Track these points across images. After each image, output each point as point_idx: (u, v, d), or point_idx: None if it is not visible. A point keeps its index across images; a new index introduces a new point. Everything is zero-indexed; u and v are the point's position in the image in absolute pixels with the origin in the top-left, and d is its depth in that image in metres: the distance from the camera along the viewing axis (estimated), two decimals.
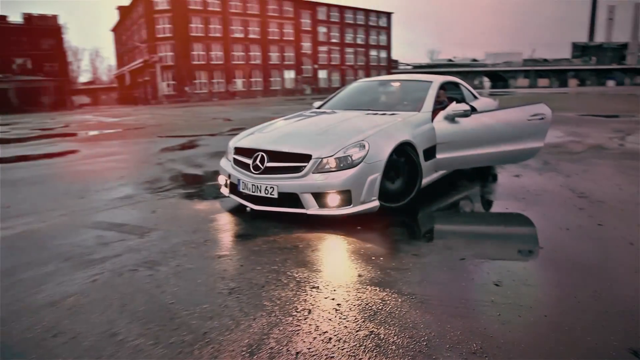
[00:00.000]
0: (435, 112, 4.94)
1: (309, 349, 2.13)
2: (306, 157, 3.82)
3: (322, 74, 64.30)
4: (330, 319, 2.38)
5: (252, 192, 4.00)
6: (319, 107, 5.88)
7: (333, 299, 2.59)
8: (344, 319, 2.39)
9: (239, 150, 4.40)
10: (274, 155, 3.99)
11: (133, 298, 2.68)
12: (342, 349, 2.12)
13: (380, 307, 2.49)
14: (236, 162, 4.36)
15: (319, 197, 3.74)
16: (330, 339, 2.21)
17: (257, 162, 4.02)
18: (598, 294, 2.63)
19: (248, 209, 4.18)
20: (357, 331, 2.27)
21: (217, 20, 52.13)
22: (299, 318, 2.40)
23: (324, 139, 4.06)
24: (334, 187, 3.69)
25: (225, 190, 4.60)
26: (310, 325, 2.33)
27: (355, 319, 2.38)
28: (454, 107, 4.80)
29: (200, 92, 51.62)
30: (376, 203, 3.90)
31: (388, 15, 71.23)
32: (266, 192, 3.89)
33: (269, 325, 2.33)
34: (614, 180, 5.63)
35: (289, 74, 59.94)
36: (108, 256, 3.36)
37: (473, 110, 5.10)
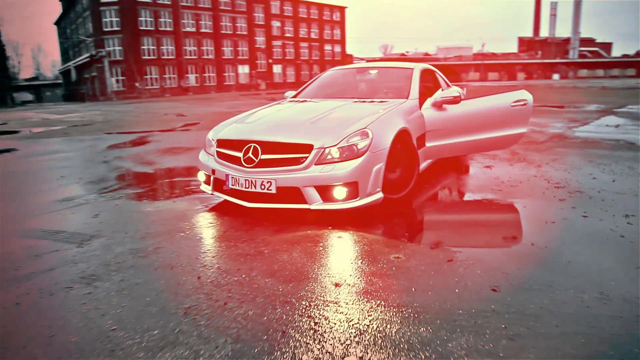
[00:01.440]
0: (420, 99, 4.74)
1: None
2: (306, 148, 3.50)
3: (276, 69, 63.50)
4: (307, 344, 1.97)
5: (245, 188, 3.59)
6: (294, 97, 5.48)
7: (309, 317, 2.18)
8: (324, 342, 1.98)
9: (223, 143, 3.97)
10: (268, 147, 3.62)
11: (65, 325, 2.18)
12: None
13: (366, 325, 2.10)
14: (221, 155, 3.93)
15: (324, 190, 3.44)
16: None
17: (250, 154, 3.63)
18: (606, 296, 2.35)
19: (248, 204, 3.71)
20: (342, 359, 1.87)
21: (167, 14, 50.34)
22: (272, 343, 1.98)
23: (322, 128, 3.75)
24: (340, 179, 3.40)
25: (206, 188, 4.15)
26: (284, 352, 1.92)
27: (339, 341, 1.99)
28: (442, 93, 4.63)
29: (152, 88, 49.75)
30: (381, 194, 3.66)
31: (342, 9, 71.17)
32: (262, 187, 3.51)
33: (234, 355, 1.90)
34: (585, 169, 5.49)
35: (243, 69, 58.80)
36: (38, 271, 2.82)
37: None
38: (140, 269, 2.80)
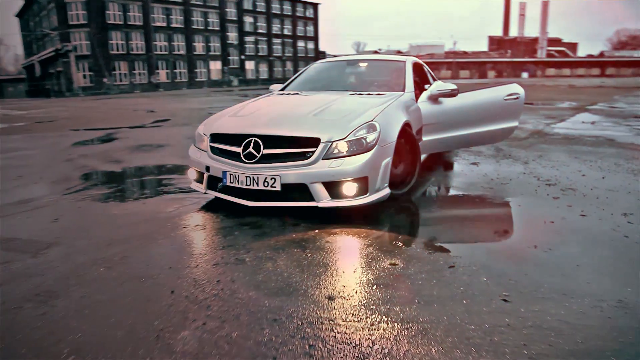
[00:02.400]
0: (415, 93, 4.62)
1: None
2: (313, 141, 3.31)
3: (249, 65, 62.65)
4: None
5: (247, 185, 3.34)
6: (282, 90, 5.21)
7: (303, 338, 1.89)
8: None
9: (218, 137, 3.70)
10: (271, 141, 3.40)
11: (9, 357, 1.83)
12: None
13: (369, 347, 1.83)
14: (216, 151, 3.66)
15: (332, 186, 3.26)
16: None
17: (251, 149, 3.39)
18: (626, 304, 2.14)
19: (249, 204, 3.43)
20: None
21: (136, 7, 48.96)
22: None
23: (327, 121, 3.55)
24: (350, 175, 3.23)
25: (199, 187, 3.85)
26: None
27: None
28: (438, 86, 4.51)
29: (120, 84, 48.32)
30: (388, 190, 3.52)
31: (315, 6, 70.75)
32: (265, 184, 3.28)
33: None
34: (572, 166, 5.36)
35: (215, 65, 57.75)
36: None
37: None
38: (105, 282, 2.45)
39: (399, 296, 2.25)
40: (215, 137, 3.73)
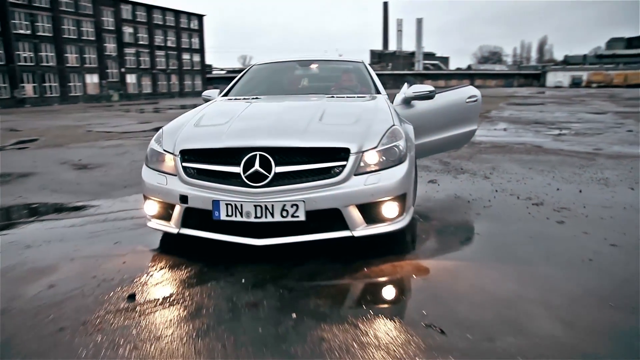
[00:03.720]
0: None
1: None
2: (338, 153, 2.54)
3: (130, 79, 58.25)
4: None
5: (256, 217, 2.43)
6: (226, 96, 4.02)
7: None
8: None
9: (195, 154, 2.64)
10: (282, 155, 2.51)
11: None
12: None
13: None
14: (195, 173, 2.61)
15: (370, 209, 2.56)
16: None
17: (258, 167, 2.45)
18: None
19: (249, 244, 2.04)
20: None
21: None
22: None
23: (343, 127, 2.75)
24: (391, 192, 2.57)
25: (165, 225, 2.73)
26: None
27: None
28: (415, 88, 3.88)
29: None
30: (412, 208, 2.88)
31: (200, 17, 68.24)
32: (284, 214, 2.43)
33: None
34: (536, 179, 4.81)
35: (92, 79, 52.72)
36: None
37: None
38: None
39: None
40: (189, 154, 2.62)
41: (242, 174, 2.45)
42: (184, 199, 2.57)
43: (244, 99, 3.72)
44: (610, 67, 78.34)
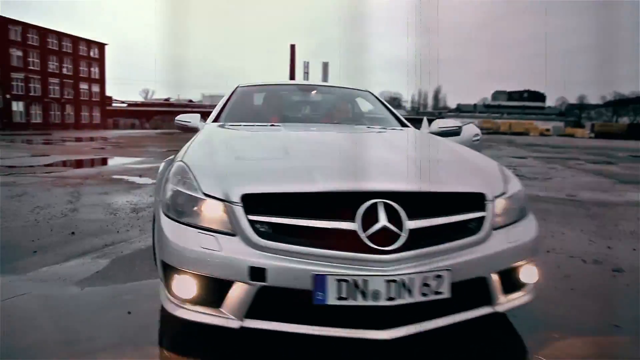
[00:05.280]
0: None
1: None
2: (472, 200, 1.86)
3: (17, 107, 52.75)
4: None
5: (387, 299, 1.58)
6: (215, 121, 3.18)
7: None
8: None
9: (274, 201, 1.71)
10: (408, 203, 1.70)
11: None
12: None
13: None
14: (279, 232, 1.67)
15: (509, 274, 1.88)
16: None
17: (384, 221, 1.63)
18: None
19: None
20: None
21: None
22: None
23: (456, 165, 2.22)
24: (531, 251, 1.94)
25: (220, 316, 1.70)
26: None
27: None
28: (441, 123, 3.57)
29: None
30: None
31: (101, 46, 64.41)
32: (425, 290, 1.61)
33: None
34: (550, 227, 4.22)
35: None
36: None
37: None
38: None
39: None
40: (258, 201, 1.71)
41: (360, 232, 1.60)
42: (258, 273, 1.62)
43: (261, 125, 3.01)
44: (496, 116, 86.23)
